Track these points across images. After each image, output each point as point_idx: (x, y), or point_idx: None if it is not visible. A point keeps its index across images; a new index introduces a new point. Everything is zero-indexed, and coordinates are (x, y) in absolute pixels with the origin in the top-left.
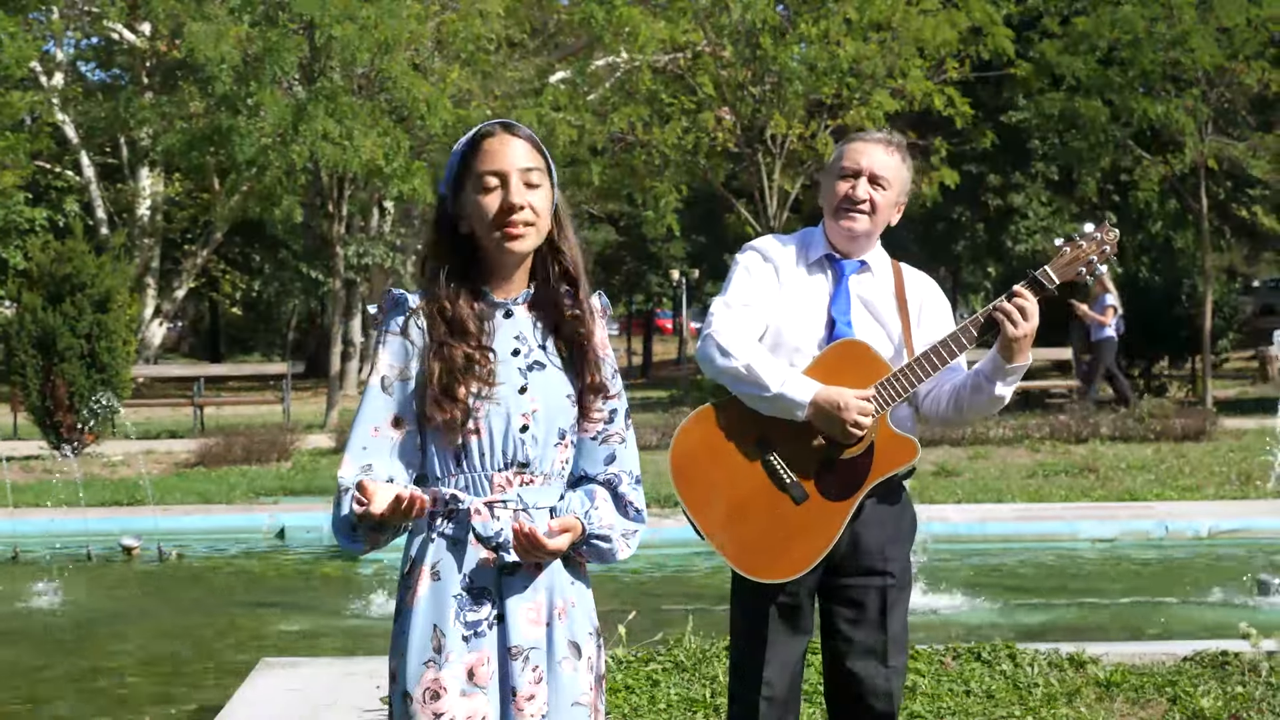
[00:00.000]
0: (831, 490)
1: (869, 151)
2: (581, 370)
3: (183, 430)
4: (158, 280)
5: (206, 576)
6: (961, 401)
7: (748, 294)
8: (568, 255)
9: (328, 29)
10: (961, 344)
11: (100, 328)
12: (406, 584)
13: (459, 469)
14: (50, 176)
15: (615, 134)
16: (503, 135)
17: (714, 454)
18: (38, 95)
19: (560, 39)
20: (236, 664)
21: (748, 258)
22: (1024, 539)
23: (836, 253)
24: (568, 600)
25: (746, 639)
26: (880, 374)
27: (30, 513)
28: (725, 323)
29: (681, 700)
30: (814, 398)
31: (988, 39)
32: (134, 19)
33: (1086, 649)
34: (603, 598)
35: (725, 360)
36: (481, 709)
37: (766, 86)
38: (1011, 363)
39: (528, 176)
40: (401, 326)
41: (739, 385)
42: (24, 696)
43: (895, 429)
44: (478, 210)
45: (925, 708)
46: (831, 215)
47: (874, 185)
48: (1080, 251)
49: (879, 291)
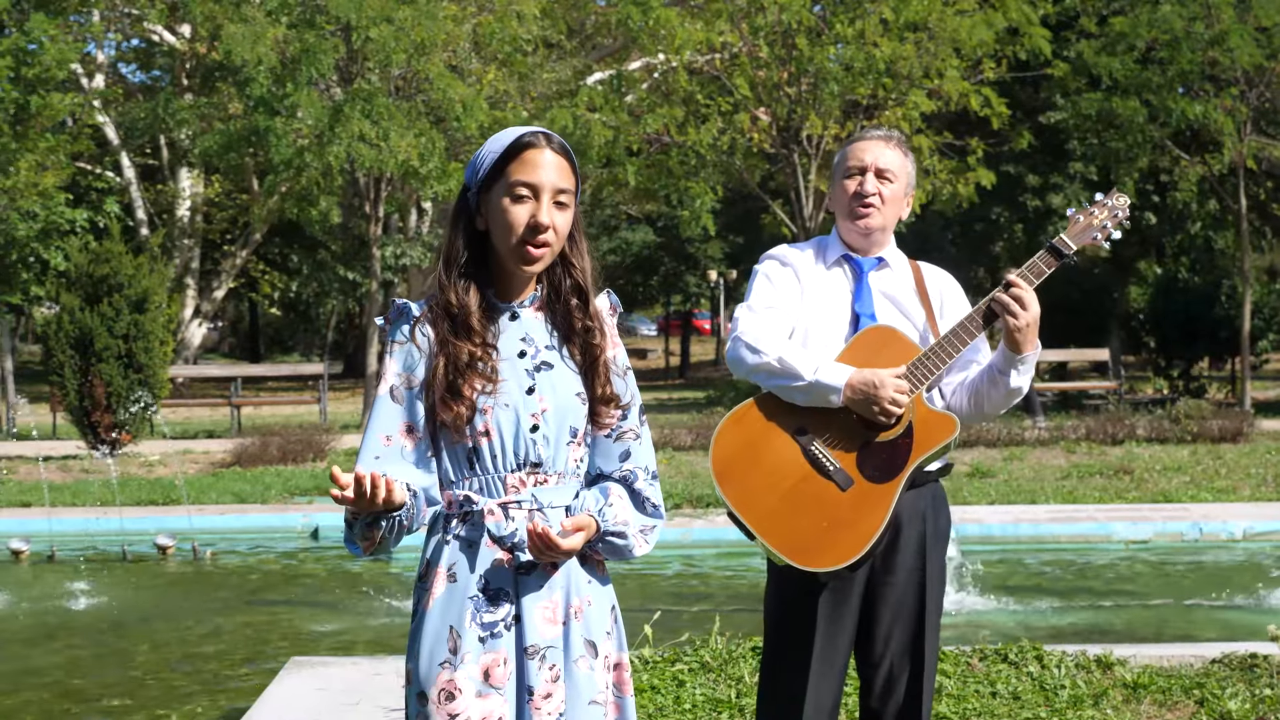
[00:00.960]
0: (876, 472)
1: (871, 148)
2: (593, 382)
3: (220, 430)
4: (197, 281)
5: (240, 576)
6: (981, 397)
7: (771, 297)
8: (578, 268)
9: (364, 31)
10: (979, 325)
11: (137, 328)
12: (423, 586)
13: (472, 471)
14: (91, 178)
15: (650, 135)
16: (544, 148)
17: (754, 452)
18: (79, 97)
19: (598, 40)
20: (267, 663)
21: (766, 265)
22: (1057, 540)
23: (853, 252)
24: (584, 599)
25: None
26: (910, 355)
27: (67, 512)
28: (751, 323)
29: (707, 701)
30: (849, 380)
31: (1025, 39)
32: (174, 21)
33: (1114, 651)
34: (629, 598)
35: (756, 357)
36: (497, 709)
37: (803, 87)
38: (1020, 353)
39: (559, 197)
40: (408, 334)
41: (773, 379)
42: (58, 694)
43: (930, 406)
44: (503, 218)
45: (950, 709)
46: (845, 215)
47: (880, 179)
48: (1093, 218)
49: (899, 286)
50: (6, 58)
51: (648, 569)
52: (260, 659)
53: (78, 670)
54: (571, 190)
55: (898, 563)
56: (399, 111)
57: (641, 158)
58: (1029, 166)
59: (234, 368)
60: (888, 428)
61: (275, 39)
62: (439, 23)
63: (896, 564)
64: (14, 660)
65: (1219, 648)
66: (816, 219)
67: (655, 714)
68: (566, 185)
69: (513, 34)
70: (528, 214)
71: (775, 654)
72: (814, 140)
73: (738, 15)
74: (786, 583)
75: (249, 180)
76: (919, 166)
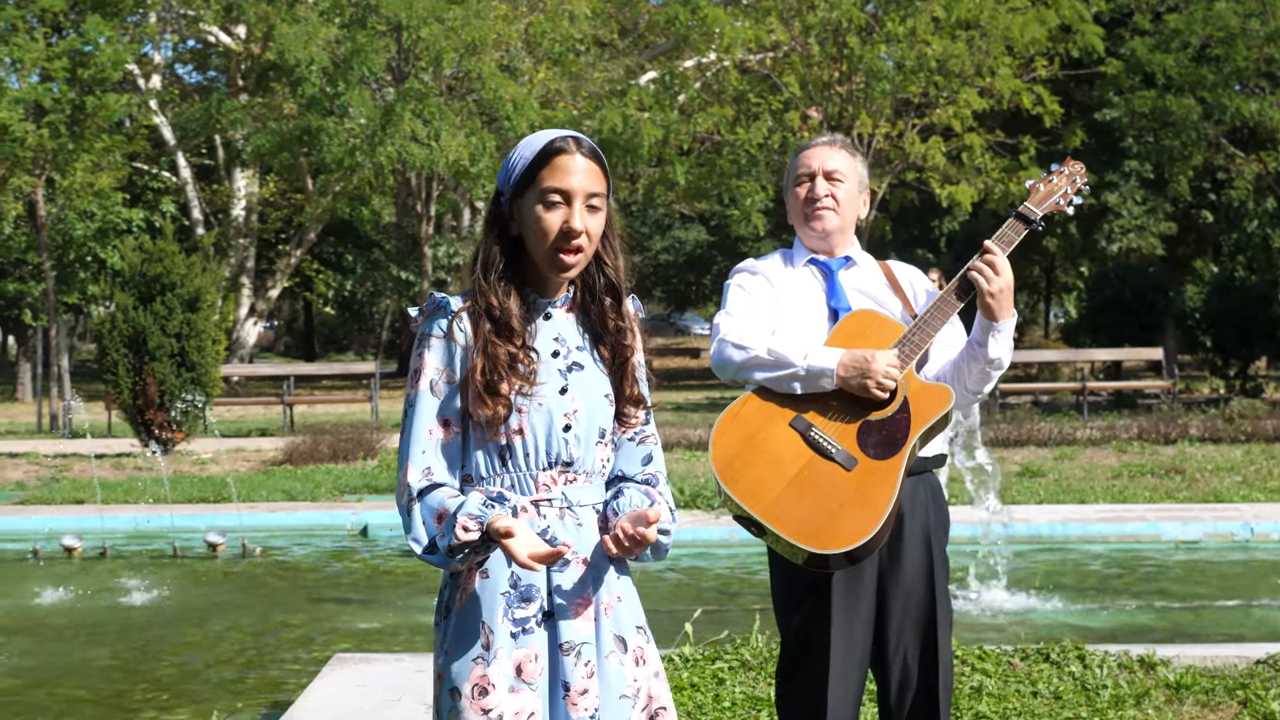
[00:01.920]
0: (879, 449)
1: (817, 154)
2: (622, 383)
3: (273, 429)
4: (252, 280)
5: (288, 573)
6: (962, 373)
7: (748, 303)
8: (611, 269)
9: (415, 30)
10: (966, 290)
11: (190, 327)
12: (455, 583)
13: (504, 469)
14: (147, 178)
15: (701, 134)
16: (574, 153)
17: (755, 445)
18: (134, 98)
19: (651, 39)
20: (312, 659)
21: (738, 277)
22: (1106, 540)
23: (818, 256)
24: (614, 595)
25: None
26: (895, 334)
27: (119, 509)
28: (732, 325)
29: (746, 699)
30: (840, 360)
31: (1078, 36)
32: (229, 22)
33: (1157, 651)
34: (670, 597)
35: (744, 354)
36: (530, 705)
37: (854, 86)
38: (995, 320)
39: (590, 201)
40: (446, 330)
41: (765, 372)
42: (107, 689)
43: (921, 379)
44: (535, 224)
45: (991, 708)
46: (801, 221)
47: (830, 181)
48: (1053, 186)
49: (870, 281)
50: (63, 59)
51: (690, 565)
52: (306, 655)
53: (125, 665)
54: (603, 193)
55: (904, 553)
56: (450, 111)
57: (692, 157)
58: (1084, 164)
59: (287, 366)
60: (883, 405)
61: (327, 39)
62: (489, 23)
63: (904, 555)
64: (64, 655)
65: (1264, 648)
66: (868, 217)
67: (695, 712)
68: (598, 189)
69: (564, 33)
70: (560, 219)
71: (793, 657)
72: (865, 139)
73: (788, 13)
74: (793, 583)
75: (303, 180)
76: (970, 165)
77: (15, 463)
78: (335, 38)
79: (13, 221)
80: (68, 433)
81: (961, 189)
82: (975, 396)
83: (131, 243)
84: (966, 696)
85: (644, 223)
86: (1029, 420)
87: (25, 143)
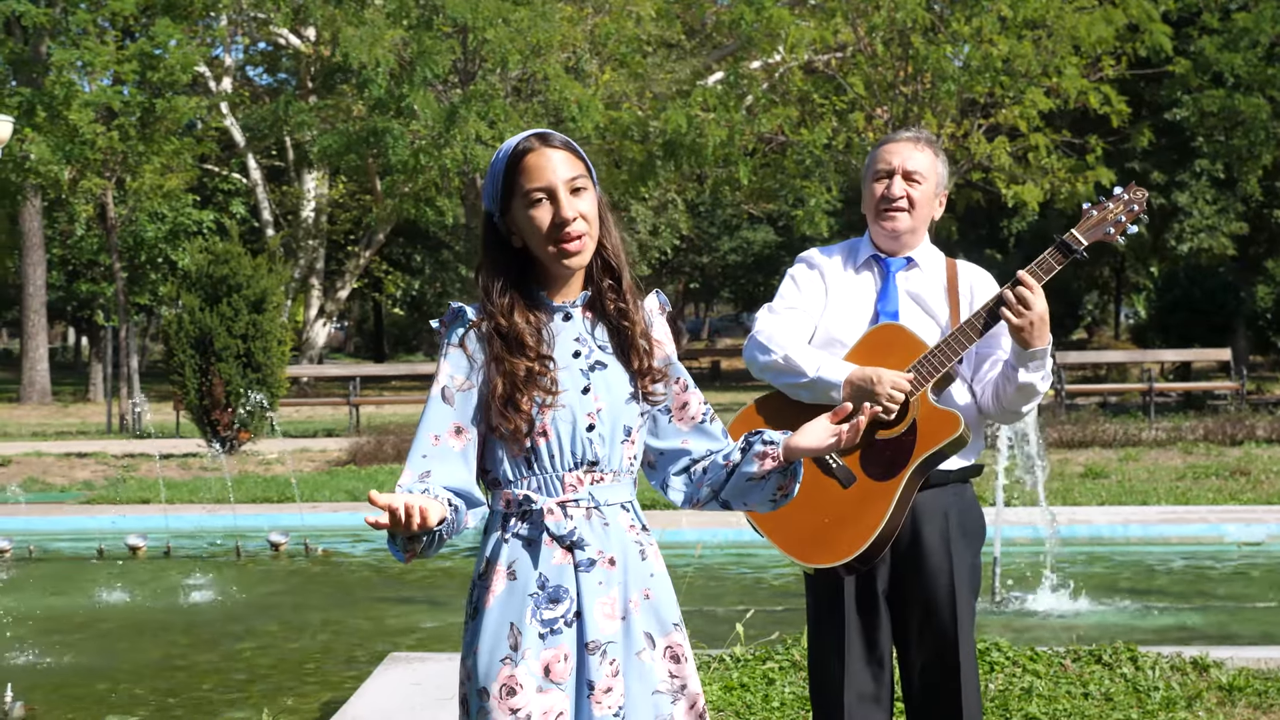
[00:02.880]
0: (879, 469)
1: (899, 150)
2: (629, 357)
3: (340, 429)
4: (322, 281)
5: (349, 573)
6: (1000, 395)
7: (793, 299)
8: (609, 249)
9: (481, 32)
10: (995, 315)
11: (256, 328)
12: (483, 584)
13: (530, 471)
14: (218, 179)
15: (765, 135)
16: (541, 149)
17: None
18: (204, 100)
19: (718, 39)
20: (371, 659)
21: (795, 269)
22: (1167, 541)
23: (882, 253)
24: (641, 592)
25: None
26: (918, 353)
27: (183, 509)
28: (766, 323)
29: (796, 699)
30: (849, 376)
31: (1145, 35)
32: (299, 24)
33: (1210, 653)
34: (727, 596)
35: (765, 356)
36: (558, 705)
37: (919, 87)
38: (1027, 348)
39: (572, 185)
40: (460, 339)
41: (780, 377)
42: (167, 685)
43: (938, 404)
44: (530, 226)
45: (1041, 709)
46: (873, 218)
47: (909, 182)
48: (1107, 212)
49: (928, 285)
50: (133, 62)
51: (755, 566)
52: (365, 655)
53: (186, 662)
54: (583, 174)
55: (922, 560)
56: (515, 113)
57: (756, 157)
58: (1154, 164)
59: (353, 367)
60: (890, 424)
61: (393, 41)
62: (554, 24)
63: (921, 562)
64: (126, 653)
65: None
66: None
67: (744, 711)
68: (575, 172)
69: (630, 34)
70: (549, 215)
71: (816, 649)
72: None
73: (853, 14)
74: (819, 581)
75: (372, 181)
76: (1036, 165)
77: (84, 462)
78: (401, 40)
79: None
80: (138, 433)
81: (1028, 189)
82: (1016, 416)
83: (196, 244)
84: (1017, 697)
85: (712, 223)
86: (1094, 421)
87: (95, 145)
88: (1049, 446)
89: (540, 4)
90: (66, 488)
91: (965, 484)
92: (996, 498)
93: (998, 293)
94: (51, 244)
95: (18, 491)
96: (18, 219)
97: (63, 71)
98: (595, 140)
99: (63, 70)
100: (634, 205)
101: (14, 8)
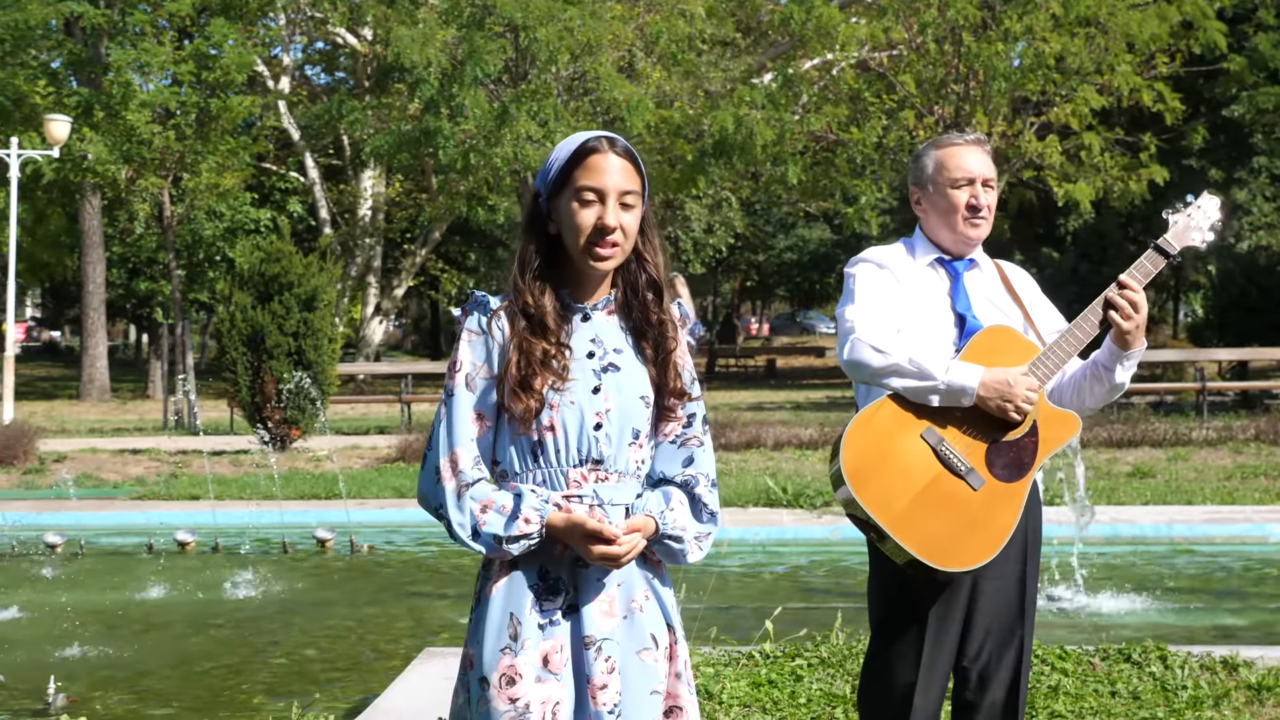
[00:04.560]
0: (1005, 471)
1: (977, 158)
2: (665, 376)
3: (392, 426)
4: (379, 279)
5: (394, 569)
6: (1083, 392)
7: (876, 297)
8: (651, 264)
9: (532, 31)
10: (1095, 324)
11: (306, 326)
12: (486, 574)
13: (536, 464)
14: (275, 178)
15: (815, 133)
16: (608, 152)
17: (885, 454)
18: (259, 99)
19: (774, 37)
20: (410, 653)
21: (861, 269)
22: (1212, 541)
23: (946, 255)
24: (643, 593)
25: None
26: (1030, 355)
27: (231, 505)
28: (867, 324)
29: (823, 695)
30: (982, 380)
31: (1200, 33)
32: (355, 23)
33: (1240, 652)
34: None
35: (884, 359)
36: (556, 694)
37: (970, 86)
38: (1127, 349)
39: (625, 199)
40: (484, 326)
41: (903, 380)
42: (210, 678)
43: (1053, 405)
44: (571, 221)
45: (1067, 707)
46: (952, 225)
47: (987, 189)
48: (1190, 219)
49: (991, 285)
50: (189, 63)
51: (772, 564)
52: (404, 650)
53: (226, 655)
54: (637, 191)
55: (1002, 563)
56: (566, 111)
57: (807, 156)
58: (1211, 161)
59: (406, 365)
60: (1015, 426)
61: (445, 41)
62: (605, 23)
63: (1002, 564)
64: (169, 645)
65: None
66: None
67: (770, 708)
68: (631, 187)
69: (681, 32)
70: (594, 217)
71: (880, 654)
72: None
73: (905, 12)
74: (890, 582)
75: (428, 179)
76: (1088, 163)
77: (138, 459)
78: (453, 39)
79: (144, 222)
80: (194, 429)
81: (1079, 187)
82: (1088, 411)
83: (247, 243)
84: (1043, 695)
85: (767, 221)
86: (1144, 421)
87: (152, 144)
88: (1098, 446)
89: (590, 2)
90: (119, 484)
91: (1034, 486)
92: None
93: (1102, 295)
94: (112, 242)
95: (70, 486)
96: (77, 218)
97: (121, 72)
98: (648, 139)
99: (120, 70)
100: (688, 204)
101: (73, 9)
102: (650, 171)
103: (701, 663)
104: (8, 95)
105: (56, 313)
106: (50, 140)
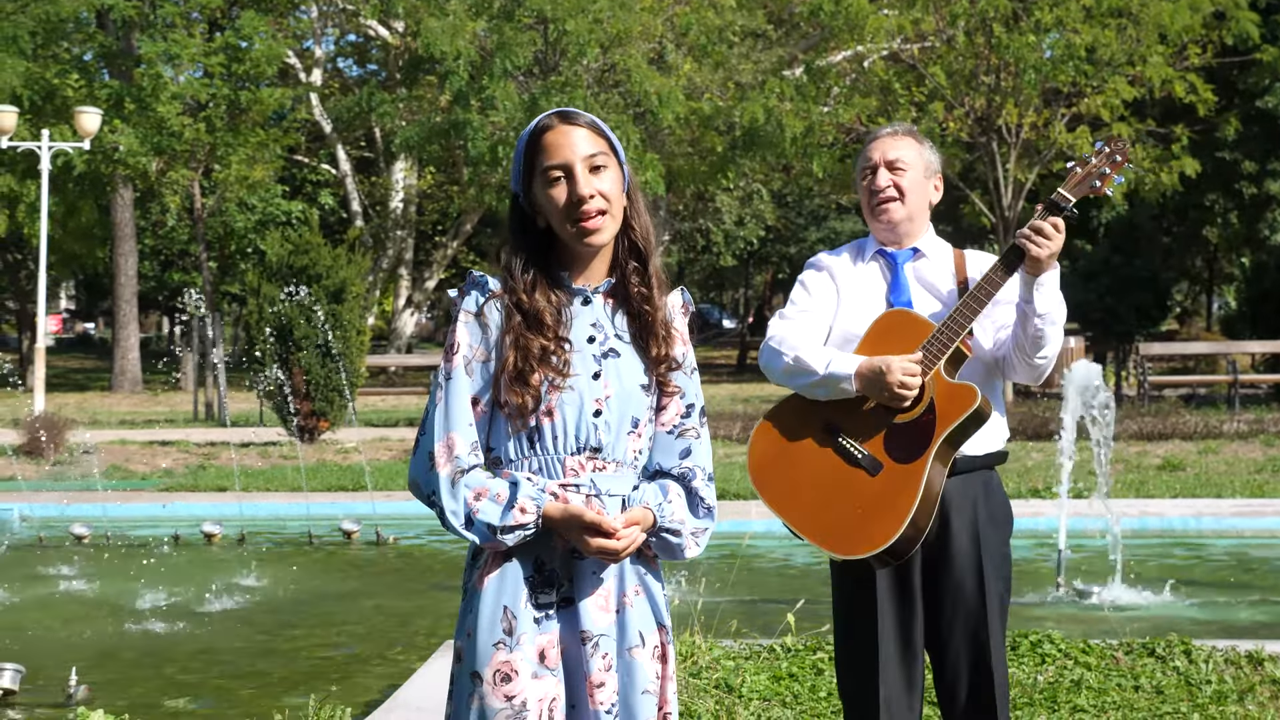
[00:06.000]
0: (903, 453)
1: (879, 145)
2: (648, 344)
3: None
4: (410, 271)
5: (419, 561)
6: (1018, 338)
7: (803, 302)
8: (637, 232)
9: (561, 23)
10: (996, 283)
11: (335, 318)
12: (475, 565)
13: (532, 451)
14: (307, 170)
15: (844, 126)
16: (560, 126)
17: (788, 453)
18: (291, 91)
19: (805, 29)
20: (429, 645)
21: (804, 274)
22: (1240, 535)
23: (886, 247)
24: (634, 589)
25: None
26: (926, 334)
27: (258, 497)
28: (779, 328)
29: None
30: (858, 368)
31: (1232, 23)
32: (387, 16)
33: (1265, 647)
34: (784, 588)
35: (780, 360)
36: (551, 691)
37: (1001, 78)
38: (1037, 274)
39: (592, 162)
40: (479, 308)
41: (794, 379)
42: (233, 669)
43: (951, 380)
44: (549, 204)
45: (1089, 701)
46: (869, 214)
47: (893, 171)
48: (1091, 167)
49: (937, 273)
50: (219, 55)
51: (792, 558)
52: (427, 642)
53: (248, 646)
54: (605, 151)
55: (953, 550)
56: (595, 103)
57: (836, 148)
58: (1244, 153)
59: (437, 356)
60: (906, 409)
61: (475, 33)
62: (634, 15)
63: (952, 552)
64: (196, 638)
65: None
66: (1016, 208)
67: (790, 701)
68: (595, 149)
69: (712, 24)
70: (565, 193)
71: (843, 648)
72: (1012, 129)
73: (935, 3)
74: (843, 578)
75: (459, 172)
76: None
77: (166, 450)
78: (483, 31)
79: (175, 214)
80: (224, 421)
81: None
82: (1039, 364)
83: (276, 235)
84: (1066, 690)
85: (799, 214)
86: (1174, 414)
87: (182, 137)
88: (1128, 439)
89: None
90: (148, 475)
91: (991, 471)
92: (1062, 489)
93: (995, 260)
94: (144, 234)
95: (98, 477)
96: (109, 210)
97: (151, 64)
98: (679, 131)
99: (151, 63)
100: (719, 196)
101: (104, 1)
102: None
103: (722, 656)
104: (39, 89)
105: (90, 305)
106: (81, 132)
